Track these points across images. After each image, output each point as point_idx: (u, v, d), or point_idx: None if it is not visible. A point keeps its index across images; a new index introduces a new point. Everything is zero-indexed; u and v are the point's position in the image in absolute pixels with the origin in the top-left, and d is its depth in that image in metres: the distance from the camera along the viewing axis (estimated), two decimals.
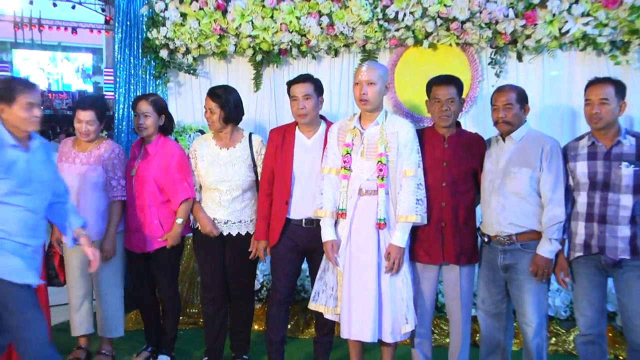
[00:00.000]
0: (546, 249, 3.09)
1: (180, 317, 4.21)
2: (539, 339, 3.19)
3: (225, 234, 3.60)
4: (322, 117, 3.53)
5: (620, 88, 3.03)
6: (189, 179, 3.62)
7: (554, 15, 3.80)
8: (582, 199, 3.09)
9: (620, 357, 3.80)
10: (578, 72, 4.08)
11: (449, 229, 3.26)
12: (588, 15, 3.76)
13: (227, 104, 3.53)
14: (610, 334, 3.82)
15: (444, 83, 3.30)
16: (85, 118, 3.59)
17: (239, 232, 3.60)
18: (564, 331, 4.03)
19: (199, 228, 3.65)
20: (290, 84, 3.46)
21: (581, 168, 3.09)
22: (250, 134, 3.69)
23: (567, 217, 3.11)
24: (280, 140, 3.47)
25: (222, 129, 3.58)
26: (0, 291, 2.74)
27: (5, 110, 2.76)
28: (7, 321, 2.80)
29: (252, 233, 3.60)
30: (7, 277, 2.74)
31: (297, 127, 3.48)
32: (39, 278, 2.94)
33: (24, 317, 2.78)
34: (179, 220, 3.62)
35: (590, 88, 3.08)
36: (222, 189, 3.57)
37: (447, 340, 3.55)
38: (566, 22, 3.82)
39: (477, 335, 3.54)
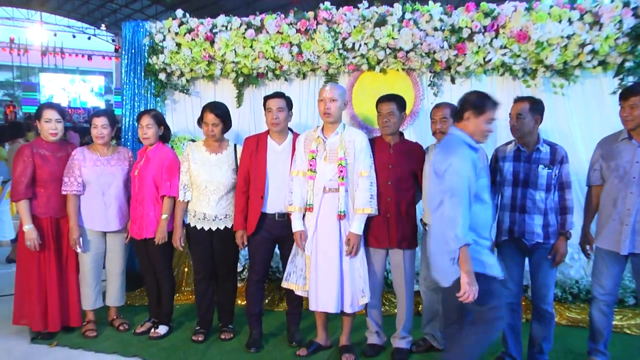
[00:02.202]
0: None
1: (177, 294, 4.15)
2: None
3: (214, 229, 3.51)
4: (289, 129, 3.48)
5: (535, 105, 3.03)
6: (173, 180, 3.55)
7: (479, 47, 3.81)
8: (507, 193, 3.09)
9: (529, 319, 3.80)
10: (498, 93, 4.06)
11: (393, 220, 3.24)
12: (505, 47, 3.79)
13: (227, 119, 3.54)
14: (523, 303, 3.81)
15: (385, 100, 3.30)
16: (99, 123, 3.58)
17: (225, 226, 3.51)
18: None
19: (190, 223, 3.57)
20: (266, 98, 3.42)
21: (507, 168, 3.09)
22: (235, 145, 3.61)
23: (495, 207, 3.11)
24: (255, 146, 3.41)
25: (220, 138, 3.53)
26: (490, 285, 2.50)
27: (471, 119, 2.55)
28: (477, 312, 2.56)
29: None
30: (492, 273, 2.51)
31: (268, 136, 3.42)
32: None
33: (495, 308, 2.53)
34: (164, 216, 3.54)
35: (512, 105, 3.09)
36: (210, 188, 3.48)
37: (395, 310, 3.50)
38: (489, 53, 3.82)
39: (420, 306, 3.50)
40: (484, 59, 3.85)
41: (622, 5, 3.55)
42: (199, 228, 3.51)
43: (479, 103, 2.56)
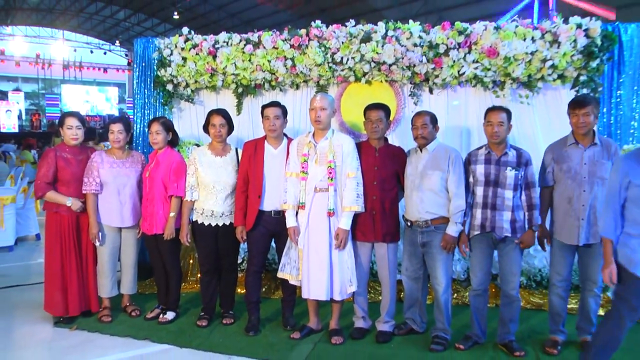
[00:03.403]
0: (452, 229, 3.06)
1: (183, 284, 4.08)
2: (446, 295, 3.16)
3: (220, 224, 3.46)
4: (284, 134, 3.42)
5: (509, 114, 3.04)
6: (180, 182, 3.49)
7: (454, 61, 3.78)
8: (479, 192, 3.06)
9: (498, 304, 3.76)
10: (471, 102, 4.07)
11: (378, 216, 3.19)
12: (477, 62, 3.76)
13: (231, 121, 3.52)
14: (493, 290, 3.79)
15: (374, 108, 3.24)
16: (116, 128, 3.52)
17: (230, 222, 3.45)
18: (462, 289, 3.97)
19: (197, 220, 3.50)
20: (264, 107, 3.36)
21: (479, 170, 3.06)
22: (236, 149, 3.56)
23: (468, 205, 3.08)
24: (253, 150, 3.35)
25: (225, 139, 3.49)
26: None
27: None
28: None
29: None
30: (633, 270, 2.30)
31: (265, 140, 3.36)
32: None
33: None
34: (172, 214, 3.48)
35: (490, 113, 3.05)
36: (218, 188, 3.42)
37: (380, 297, 3.45)
38: (462, 66, 3.80)
39: (402, 293, 3.45)
40: (458, 72, 3.82)
41: (576, 27, 3.60)
42: (206, 224, 3.45)
43: None
